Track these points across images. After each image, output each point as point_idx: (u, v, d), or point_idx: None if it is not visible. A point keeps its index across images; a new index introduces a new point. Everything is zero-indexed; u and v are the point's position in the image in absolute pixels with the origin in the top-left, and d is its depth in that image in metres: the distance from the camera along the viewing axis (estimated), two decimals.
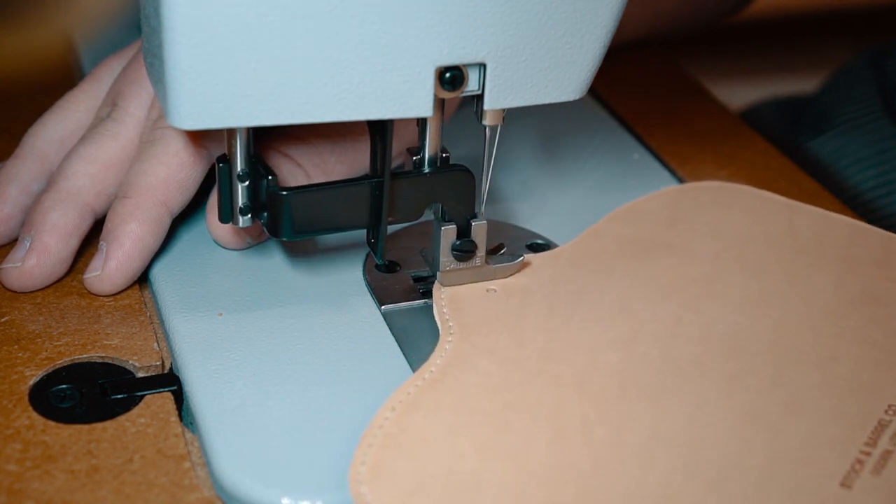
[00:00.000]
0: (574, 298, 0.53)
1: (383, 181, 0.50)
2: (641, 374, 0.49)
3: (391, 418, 0.45)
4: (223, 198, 0.51)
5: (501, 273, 0.54)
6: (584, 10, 0.49)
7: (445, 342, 0.50)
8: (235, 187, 0.51)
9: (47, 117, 0.59)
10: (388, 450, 0.44)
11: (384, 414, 0.46)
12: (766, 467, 0.45)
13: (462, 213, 0.52)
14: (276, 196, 0.50)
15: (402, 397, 0.46)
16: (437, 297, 0.52)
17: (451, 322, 0.51)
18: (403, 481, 0.43)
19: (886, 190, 0.75)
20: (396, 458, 0.44)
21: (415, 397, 0.47)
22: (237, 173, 0.50)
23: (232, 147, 0.50)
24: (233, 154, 0.50)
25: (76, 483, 0.45)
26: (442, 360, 0.49)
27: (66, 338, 0.52)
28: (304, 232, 0.51)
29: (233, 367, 0.50)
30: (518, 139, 0.68)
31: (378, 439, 0.44)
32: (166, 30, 0.44)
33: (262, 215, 0.51)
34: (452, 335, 0.50)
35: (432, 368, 0.48)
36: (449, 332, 0.50)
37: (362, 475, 0.43)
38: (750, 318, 0.52)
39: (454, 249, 0.53)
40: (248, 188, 0.51)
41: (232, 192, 0.51)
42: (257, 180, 0.51)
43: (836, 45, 1.45)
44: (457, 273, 0.53)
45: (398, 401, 0.46)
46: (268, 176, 0.50)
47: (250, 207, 0.51)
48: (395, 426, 0.45)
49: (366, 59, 0.47)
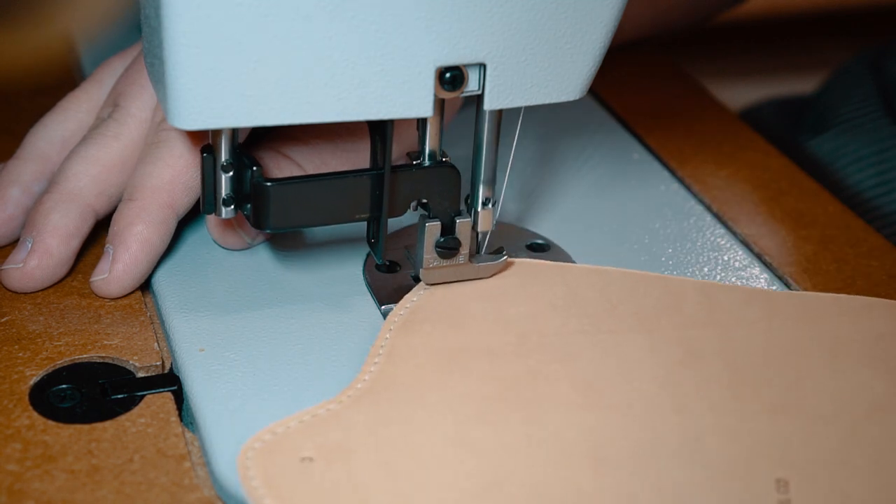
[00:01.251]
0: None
1: (370, 174, 0.50)
2: None
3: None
4: (206, 188, 0.51)
5: (484, 271, 0.54)
6: (584, 10, 0.49)
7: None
8: (219, 178, 0.51)
9: (49, 118, 0.59)
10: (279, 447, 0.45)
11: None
12: None
13: (447, 209, 0.52)
14: (259, 187, 0.50)
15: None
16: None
17: None
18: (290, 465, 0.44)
19: (886, 189, 0.75)
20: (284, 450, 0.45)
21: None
22: (221, 164, 0.50)
23: (217, 137, 0.50)
24: (217, 145, 0.50)
25: (76, 483, 0.45)
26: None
27: (66, 338, 0.52)
28: (287, 224, 0.51)
29: (233, 367, 0.50)
30: (518, 139, 0.68)
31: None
32: (166, 30, 0.45)
33: (246, 207, 0.51)
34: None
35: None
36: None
37: (253, 451, 0.44)
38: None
39: (438, 246, 0.52)
40: (231, 179, 0.51)
41: (216, 183, 0.51)
42: (242, 171, 0.51)
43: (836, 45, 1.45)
44: (440, 270, 0.53)
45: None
46: (252, 167, 0.50)
47: (234, 198, 0.51)
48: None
49: (366, 59, 0.47)
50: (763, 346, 0.51)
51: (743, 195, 0.65)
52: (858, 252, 0.60)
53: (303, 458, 0.44)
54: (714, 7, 0.86)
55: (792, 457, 0.46)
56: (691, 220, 0.62)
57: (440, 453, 0.45)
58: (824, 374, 0.50)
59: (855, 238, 0.62)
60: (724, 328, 0.52)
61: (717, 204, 0.64)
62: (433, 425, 0.46)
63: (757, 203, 0.65)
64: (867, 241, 0.61)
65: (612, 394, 0.48)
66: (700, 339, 0.51)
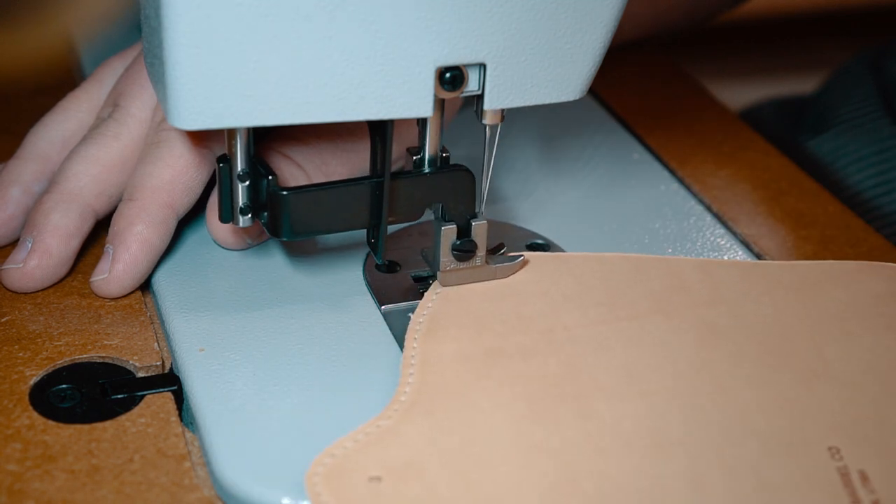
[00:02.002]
0: None
1: (383, 181, 0.50)
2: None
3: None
4: (223, 198, 0.51)
5: (502, 273, 0.54)
6: (584, 10, 0.49)
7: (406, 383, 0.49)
8: (236, 187, 0.51)
9: (49, 118, 0.59)
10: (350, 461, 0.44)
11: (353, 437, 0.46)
12: None
13: (462, 212, 0.52)
14: (276, 196, 0.50)
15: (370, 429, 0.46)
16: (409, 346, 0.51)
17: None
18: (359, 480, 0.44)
19: (886, 189, 0.75)
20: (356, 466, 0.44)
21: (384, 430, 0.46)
22: (237, 173, 0.50)
23: (232, 147, 0.50)
24: (233, 154, 0.50)
25: (76, 483, 0.45)
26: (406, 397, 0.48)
27: (66, 338, 0.52)
28: (305, 232, 0.51)
29: (233, 367, 0.50)
30: (518, 139, 0.68)
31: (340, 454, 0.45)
32: (166, 30, 0.44)
33: (263, 215, 0.51)
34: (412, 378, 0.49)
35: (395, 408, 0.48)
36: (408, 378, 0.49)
37: (318, 476, 0.44)
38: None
39: (454, 249, 0.53)
40: (248, 188, 0.51)
41: (232, 192, 0.51)
42: (258, 180, 0.51)
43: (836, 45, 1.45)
44: (457, 273, 0.53)
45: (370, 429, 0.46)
46: (268, 176, 0.50)
47: (251, 207, 0.51)
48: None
49: (366, 59, 0.47)
50: (774, 319, 0.53)
51: (743, 195, 0.65)
52: (858, 252, 0.60)
53: (370, 478, 0.44)
54: (714, 7, 0.86)
55: (837, 422, 0.48)
56: (691, 220, 0.62)
57: (510, 457, 0.45)
58: (840, 339, 0.52)
59: (855, 238, 0.62)
60: (731, 304, 0.53)
61: (717, 204, 0.64)
62: (492, 430, 0.46)
63: (757, 203, 0.65)
64: (867, 241, 0.61)
65: (651, 379, 0.49)
66: (714, 317, 0.52)
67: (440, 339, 0.50)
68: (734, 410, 0.48)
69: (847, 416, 0.48)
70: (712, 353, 0.51)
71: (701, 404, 0.48)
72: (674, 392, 0.49)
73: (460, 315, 0.52)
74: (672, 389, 0.49)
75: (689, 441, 0.47)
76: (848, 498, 0.45)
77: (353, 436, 0.45)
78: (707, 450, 0.46)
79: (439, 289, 0.53)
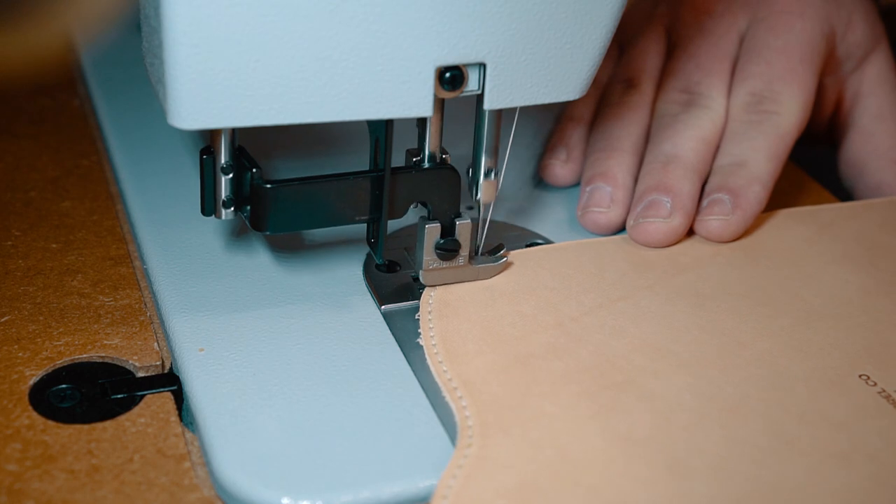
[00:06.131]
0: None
1: (370, 175, 0.50)
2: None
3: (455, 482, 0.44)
4: (206, 190, 0.51)
5: (485, 273, 0.54)
6: (584, 10, 0.49)
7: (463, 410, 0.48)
8: (219, 179, 0.51)
9: (625, 118, 0.63)
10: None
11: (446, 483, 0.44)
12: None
13: (447, 211, 0.52)
14: (259, 189, 0.50)
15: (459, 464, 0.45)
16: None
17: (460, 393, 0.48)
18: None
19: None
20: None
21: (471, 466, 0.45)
22: (221, 165, 0.50)
23: (217, 139, 0.50)
24: (217, 146, 0.50)
25: (76, 483, 0.45)
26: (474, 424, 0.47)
27: (66, 338, 0.52)
28: (288, 226, 0.51)
29: (233, 367, 0.50)
30: (518, 139, 0.68)
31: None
32: (166, 30, 0.45)
33: (245, 209, 0.51)
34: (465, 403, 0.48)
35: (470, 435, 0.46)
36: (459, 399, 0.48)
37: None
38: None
39: (437, 248, 0.53)
40: (231, 181, 0.51)
41: (216, 185, 0.51)
42: (241, 173, 0.51)
43: None
44: (440, 272, 0.53)
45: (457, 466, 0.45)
46: (252, 168, 0.50)
47: (234, 200, 0.51)
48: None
49: (366, 59, 0.47)
50: (740, 275, 0.56)
51: None
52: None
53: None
54: None
55: (852, 353, 0.51)
56: None
57: (611, 455, 0.45)
58: (804, 280, 0.56)
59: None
60: (698, 270, 0.56)
61: None
62: (576, 433, 0.46)
63: None
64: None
65: (679, 351, 0.50)
66: (691, 283, 0.55)
67: (466, 358, 0.50)
68: (765, 361, 0.50)
69: (856, 346, 0.51)
70: (712, 314, 0.53)
71: (734, 363, 0.50)
72: (705, 357, 0.50)
73: (467, 328, 0.51)
74: (701, 354, 0.50)
75: (750, 399, 0.48)
76: None
77: (450, 472, 0.44)
78: (772, 403, 0.48)
79: (431, 297, 0.53)
